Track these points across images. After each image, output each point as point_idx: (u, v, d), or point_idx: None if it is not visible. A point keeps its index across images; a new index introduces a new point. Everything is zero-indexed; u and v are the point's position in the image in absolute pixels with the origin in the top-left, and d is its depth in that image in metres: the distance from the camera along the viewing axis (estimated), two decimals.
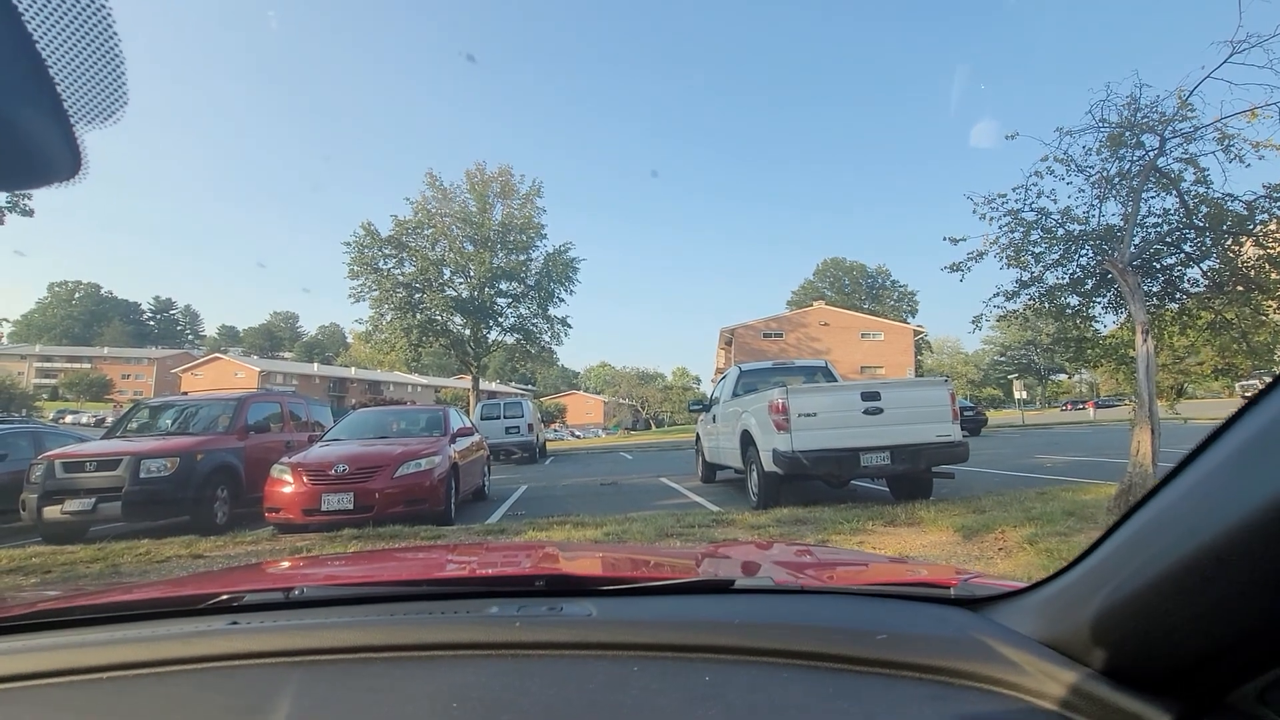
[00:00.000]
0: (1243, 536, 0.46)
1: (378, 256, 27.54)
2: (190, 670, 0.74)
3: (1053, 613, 0.67)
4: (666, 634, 0.74)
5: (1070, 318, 7.57)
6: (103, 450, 7.07)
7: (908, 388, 7.41)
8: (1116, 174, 6.48)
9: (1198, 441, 0.52)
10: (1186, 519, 0.52)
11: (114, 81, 0.46)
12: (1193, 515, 0.51)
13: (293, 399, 9.94)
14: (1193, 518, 0.51)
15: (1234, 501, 0.47)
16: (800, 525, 5.70)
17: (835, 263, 73.91)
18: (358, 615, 0.84)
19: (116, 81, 0.46)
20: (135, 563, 5.38)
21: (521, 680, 0.69)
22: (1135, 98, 6.21)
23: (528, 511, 7.89)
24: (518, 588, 0.96)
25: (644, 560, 1.55)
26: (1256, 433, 0.48)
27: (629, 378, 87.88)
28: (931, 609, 0.81)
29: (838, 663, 0.69)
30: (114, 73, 0.46)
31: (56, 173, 0.49)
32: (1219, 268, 6.54)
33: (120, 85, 0.47)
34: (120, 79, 0.46)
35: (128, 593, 1.17)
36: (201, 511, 7.14)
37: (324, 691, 0.69)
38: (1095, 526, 4.87)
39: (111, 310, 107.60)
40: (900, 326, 50.25)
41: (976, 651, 0.67)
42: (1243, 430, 0.50)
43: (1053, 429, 26.37)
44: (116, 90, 0.47)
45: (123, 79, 0.47)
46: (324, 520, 6.46)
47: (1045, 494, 6.65)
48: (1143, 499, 0.59)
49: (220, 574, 1.68)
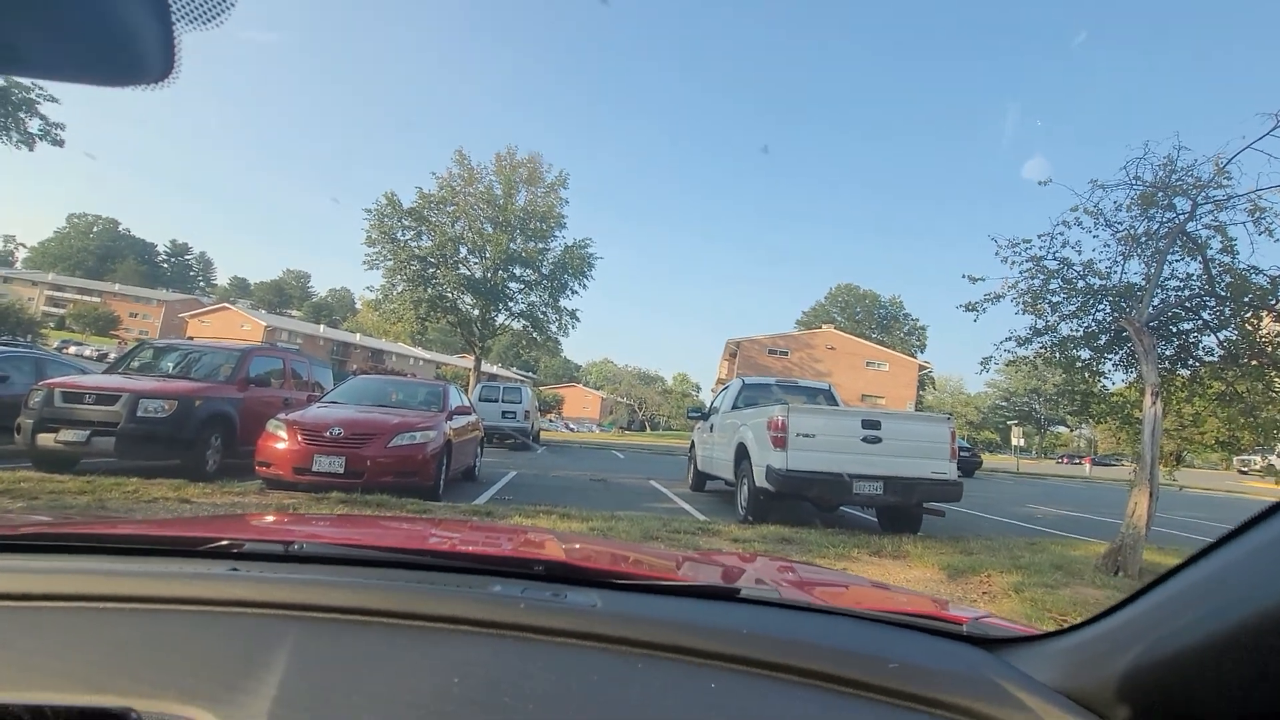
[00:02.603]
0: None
1: (396, 227, 27.54)
2: (188, 611, 0.74)
3: (1075, 663, 0.65)
4: (672, 634, 0.73)
5: (1080, 371, 7.52)
6: (103, 384, 7.08)
7: (909, 421, 7.39)
8: (1144, 233, 6.45)
9: (1255, 511, 0.53)
10: (1237, 589, 0.51)
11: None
12: (1244, 586, 0.51)
13: (296, 357, 9.94)
14: (1244, 589, 0.51)
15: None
16: (785, 544, 5.68)
17: (848, 289, 73.83)
18: (359, 577, 0.83)
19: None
20: (122, 500, 5.39)
21: (524, 663, 0.68)
22: (1172, 159, 6.17)
23: (515, 497, 7.89)
24: (520, 570, 0.94)
25: (643, 558, 1.54)
26: None
27: (630, 377, 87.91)
28: (943, 643, 0.79)
29: (847, 686, 0.67)
30: None
31: (147, 72, 0.47)
32: (1235, 339, 6.49)
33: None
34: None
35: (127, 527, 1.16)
36: (193, 457, 7.15)
37: (322, 648, 0.68)
38: (1081, 582, 4.84)
39: (127, 248, 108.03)
40: (906, 359, 50.15)
41: (990, 692, 0.66)
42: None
43: (1046, 479, 26.27)
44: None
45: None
46: (313, 481, 6.47)
47: (1035, 544, 6.62)
48: (1184, 563, 0.58)
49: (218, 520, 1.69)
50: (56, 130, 18.79)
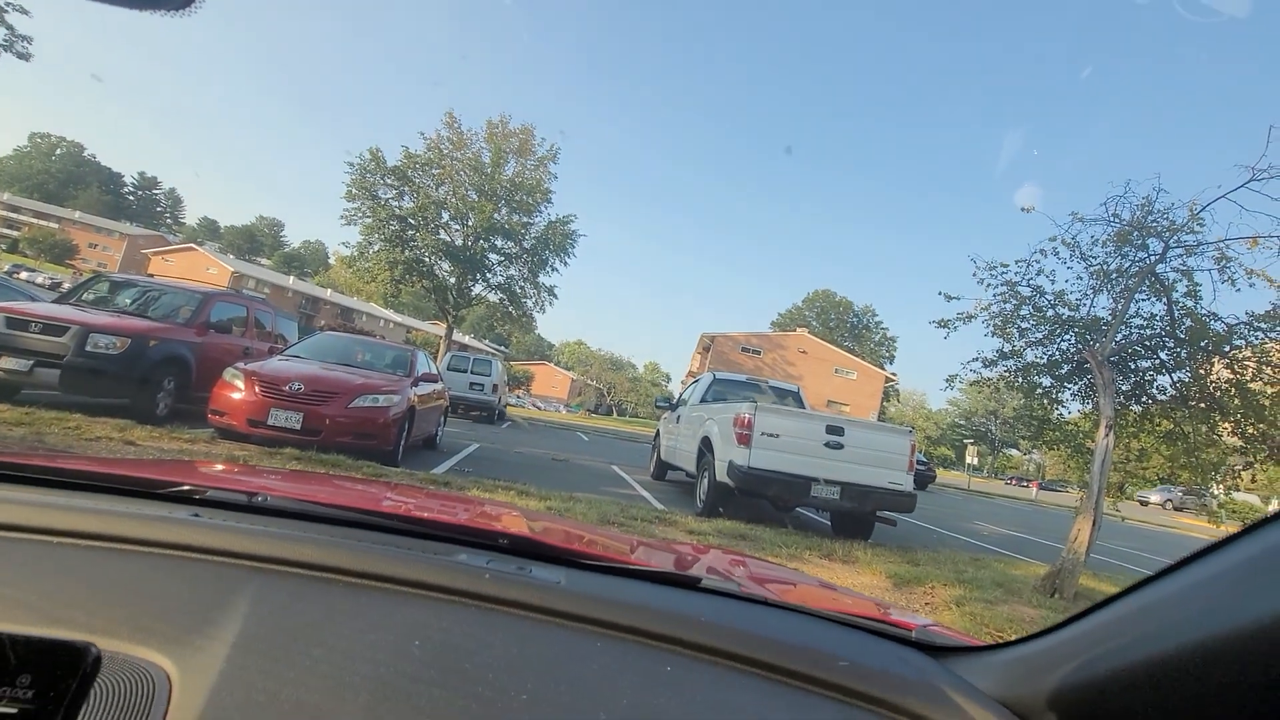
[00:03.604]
0: (1233, 645, 0.48)
1: (378, 184, 26.89)
2: (148, 553, 0.73)
3: (1015, 675, 0.68)
4: (631, 616, 0.74)
5: (1040, 397, 7.72)
6: (52, 314, 6.76)
7: (872, 430, 7.50)
8: (1116, 270, 6.62)
9: (1203, 545, 0.55)
10: (1178, 615, 0.54)
11: None
12: (1185, 613, 0.53)
13: (260, 306, 9.64)
14: (1184, 616, 0.53)
15: (1228, 611, 0.49)
16: (740, 540, 5.74)
17: (824, 295, 74.68)
18: (324, 534, 0.82)
19: None
20: (62, 436, 5.18)
21: (485, 632, 0.68)
22: (1151, 200, 6.33)
23: (475, 470, 7.81)
24: (485, 541, 0.94)
25: (608, 541, 1.56)
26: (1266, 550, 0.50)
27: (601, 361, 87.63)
28: (891, 646, 0.81)
29: (797, 679, 0.69)
30: None
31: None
32: (1188, 381, 6.73)
33: None
34: None
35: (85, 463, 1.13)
36: (143, 399, 6.89)
37: (283, 601, 0.68)
38: (1020, 600, 5.00)
39: (91, 175, 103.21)
40: (874, 370, 51.04)
41: (933, 696, 0.68)
42: (1253, 545, 0.52)
43: (994, 499, 27.08)
44: None
45: None
46: (267, 435, 6.30)
47: (978, 560, 6.81)
48: (1123, 591, 0.61)
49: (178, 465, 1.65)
50: (23, 43, 17.80)
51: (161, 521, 0.78)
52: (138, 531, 0.75)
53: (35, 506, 0.78)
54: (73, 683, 0.50)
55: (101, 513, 0.78)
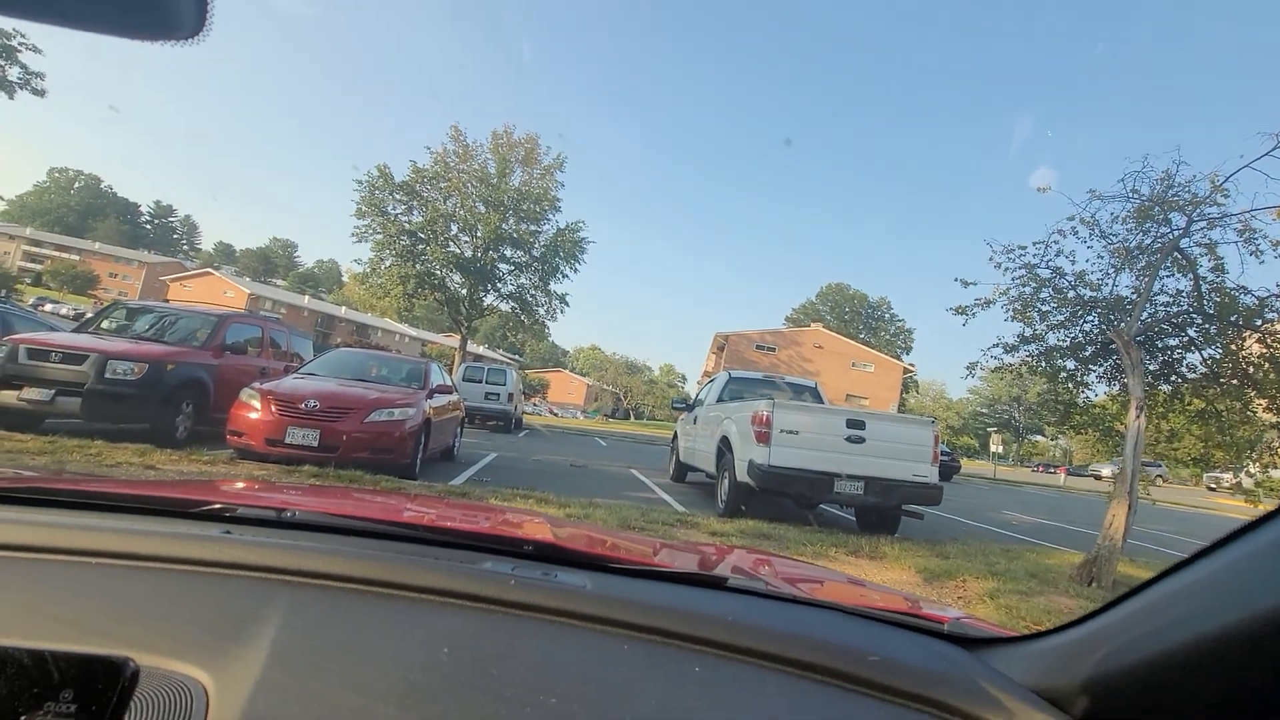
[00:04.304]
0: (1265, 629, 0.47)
1: (387, 200, 27.14)
2: (180, 571, 0.75)
3: (1051, 665, 0.67)
4: (658, 618, 0.74)
5: (1064, 381, 7.54)
6: (71, 343, 6.85)
7: (893, 422, 7.37)
8: (1137, 247, 6.44)
9: (1238, 525, 0.54)
10: (1216, 598, 0.53)
11: None
12: (1223, 596, 0.52)
13: (275, 326, 9.72)
14: (1222, 598, 0.52)
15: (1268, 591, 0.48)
16: (764, 539, 5.65)
17: (838, 288, 74.15)
18: (352, 546, 0.84)
19: None
20: (84, 462, 5.23)
21: (513, 639, 0.69)
22: (1171, 174, 6.15)
23: (493, 479, 7.79)
24: (510, 548, 0.95)
25: (632, 545, 1.56)
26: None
27: (616, 365, 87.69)
28: (924, 640, 0.80)
29: (827, 676, 0.69)
30: None
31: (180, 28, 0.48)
32: (1219, 358, 6.52)
33: None
34: None
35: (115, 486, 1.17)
36: (163, 422, 6.96)
37: (314, 614, 0.69)
38: (1056, 591, 4.85)
39: (109, 207, 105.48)
40: (891, 361, 50.53)
41: (968, 689, 0.67)
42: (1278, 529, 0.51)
43: (1022, 487, 26.61)
44: None
45: None
46: (285, 453, 6.32)
47: (1010, 551, 6.64)
48: (1158, 576, 0.60)
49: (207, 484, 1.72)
50: (37, 79, 18.21)
51: (195, 539, 0.80)
52: (172, 550, 0.77)
53: (73, 529, 0.80)
54: (113, 696, 0.52)
55: (137, 533, 0.80)
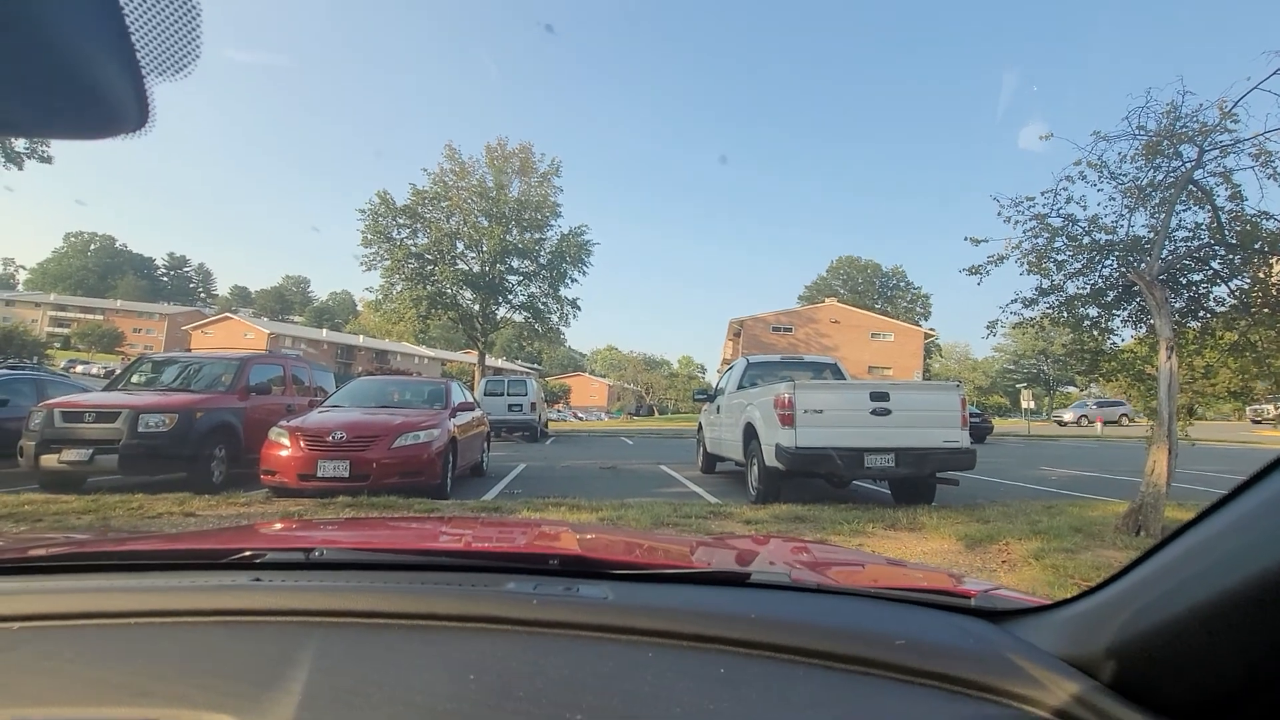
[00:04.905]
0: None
1: (391, 226, 27.46)
2: (213, 623, 0.76)
3: (1079, 631, 0.66)
4: (682, 622, 0.74)
5: (1088, 329, 7.37)
6: (102, 402, 7.05)
7: (918, 390, 7.28)
8: (1150, 184, 6.27)
9: (1247, 475, 0.51)
10: (1231, 552, 0.51)
11: (189, 34, 0.47)
12: (1238, 550, 0.51)
13: (296, 362, 9.90)
14: (1237, 552, 0.50)
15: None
16: (799, 523, 5.62)
17: (850, 261, 73.33)
18: (377, 581, 0.86)
19: (191, 34, 0.47)
20: (127, 516, 5.37)
21: (537, 658, 0.69)
22: (1176, 105, 5.97)
23: (524, 490, 7.85)
24: (532, 565, 0.96)
25: (655, 546, 1.56)
26: None
27: (635, 363, 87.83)
28: (951, 618, 0.79)
29: (854, 664, 0.68)
30: (189, 26, 0.46)
31: (124, 123, 0.49)
32: (1247, 287, 6.34)
33: (194, 38, 0.47)
34: (195, 32, 0.47)
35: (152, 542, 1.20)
36: (198, 469, 7.12)
37: (343, 653, 0.70)
38: (1103, 544, 4.76)
39: (126, 264, 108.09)
40: (911, 329, 49.88)
41: (997, 664, 0.67)
42: None
43: (1059, 440, 26.14)
44: (190, 43, 0.47)
45: (198, 32, 0.47)
46: (319, 486, 6.43)
47: (1051, 508, 6.53)
48: (1184, 527, 0.58)
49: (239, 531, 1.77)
50: (42, 147, 18.69)
51: (225, 590, 0.82)
52: (204, 603, 0.79)
53: (106, 592, 0.82)
54: None
55: (170, 589, 0.82)
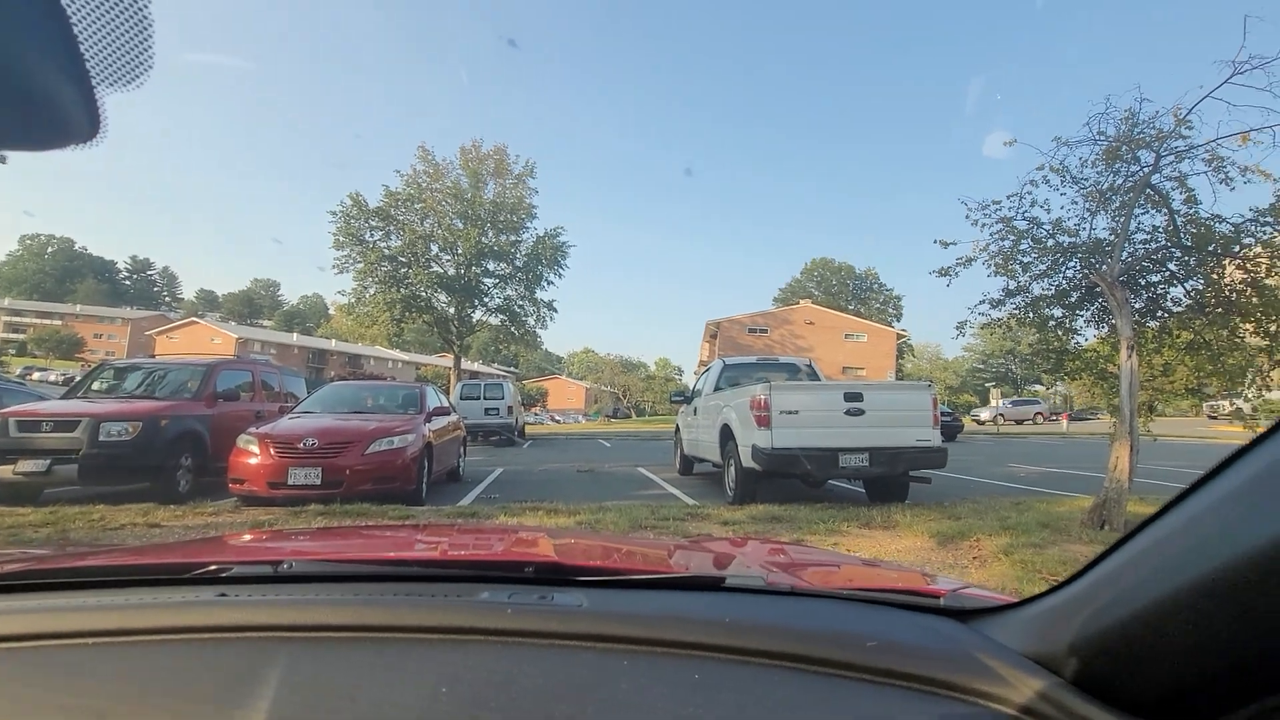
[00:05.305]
0: (1240, 573, 0.47)
1: (364, 228, 27.03)
2: (177, 641, 0.74)
3: (1043, 629, 0.68)
4: (656, 629, 0.74)
5: (1053, 329, 7.58)
6: (61, 410, 6.82)
7: (890, 390, 7.40)
8: (1109, 188, 6.47)
9: (1200, 474, 0.53)
10: (1184, 549, 0.53)
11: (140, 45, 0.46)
12: (1191, 546, 0.52)
13: (265, 368, 9.69)
14: (1190, 548, 0.52)
15: (1233, 537, 0.48)
16: (775, 523, 5.67)
17: (823, 263, 74.19)
18: (347, 593, 0.83)
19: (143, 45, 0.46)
20: (87, 529, 5.20)
21: (511, 667, 0.68)
22: (1134, 112, 6.18)
23: (502, 495, 7.79)
24: (507, 574, 0.95)
25: (632, 551, 1.56)
26: (1260, 472, 0.49)
27: (612, 365, 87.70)
28: (921, 618, 0.81)
29: (826, 667, 0.69)
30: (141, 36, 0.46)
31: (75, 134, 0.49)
32: (1202, 288, 6.57)
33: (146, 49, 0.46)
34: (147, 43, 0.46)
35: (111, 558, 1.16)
36: (163, 479, 6.92)
37: (312, 668, 0.69)
38: (1069, 539, 4.89)
39: (85, 267, 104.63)
40: (884, 329, 50.65)
41: (965, 663, 0.68)
42: (1246, 468, 0.50)
43: (1026, 439, 26.76)
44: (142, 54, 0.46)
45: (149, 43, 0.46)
46: (290, 495, 6.30)
47: (1020, 504, 6.68)
48: (1142, 524, 0.59)
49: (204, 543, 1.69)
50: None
51: (189, 607, 0.79)
52: (166, 620, 0.76)
53: (65, 611, 0.78)
54: None
55: (132, 606, 0.79)
